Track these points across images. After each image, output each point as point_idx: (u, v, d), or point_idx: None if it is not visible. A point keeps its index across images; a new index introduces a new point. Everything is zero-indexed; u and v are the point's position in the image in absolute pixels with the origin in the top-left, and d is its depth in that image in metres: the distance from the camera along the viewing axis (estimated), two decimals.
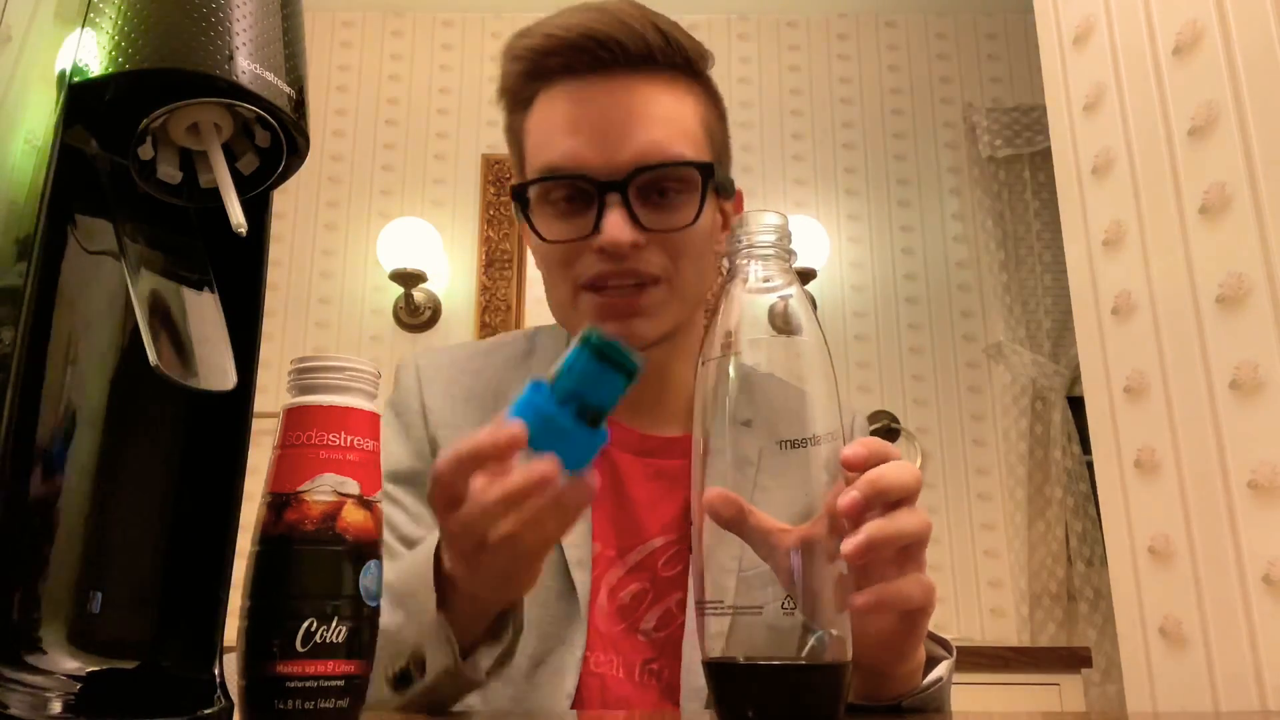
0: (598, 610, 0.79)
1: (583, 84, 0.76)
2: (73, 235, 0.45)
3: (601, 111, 0.75)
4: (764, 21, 3.19)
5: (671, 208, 0.76)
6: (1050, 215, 2.85)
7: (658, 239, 0.76)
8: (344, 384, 0.47)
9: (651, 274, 0.76)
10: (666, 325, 0.79)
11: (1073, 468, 2.74)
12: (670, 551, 0.81)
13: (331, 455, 0.46)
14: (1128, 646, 1.26)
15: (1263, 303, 1.07)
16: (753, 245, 0.51)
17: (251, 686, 0.44)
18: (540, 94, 0.79)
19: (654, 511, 0.81)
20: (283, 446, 0.46)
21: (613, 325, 0.76)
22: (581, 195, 0.76)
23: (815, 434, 0.49)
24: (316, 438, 0.46)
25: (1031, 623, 2.62)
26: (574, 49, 0.75)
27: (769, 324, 0.50)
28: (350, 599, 0.45)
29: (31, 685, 0.40)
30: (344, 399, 0.47)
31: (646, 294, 0.77)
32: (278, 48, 0.44)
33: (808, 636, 0.46)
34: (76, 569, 0.44)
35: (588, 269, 0.76)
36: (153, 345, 0.41)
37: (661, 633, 0.79)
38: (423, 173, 3.04)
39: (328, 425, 0.46)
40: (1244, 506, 1.09)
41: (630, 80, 0.76)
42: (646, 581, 0.80)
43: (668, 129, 0.76)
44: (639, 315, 0.77)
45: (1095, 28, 1.39)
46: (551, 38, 0.76)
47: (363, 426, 0.47)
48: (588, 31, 0.74)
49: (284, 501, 0.45)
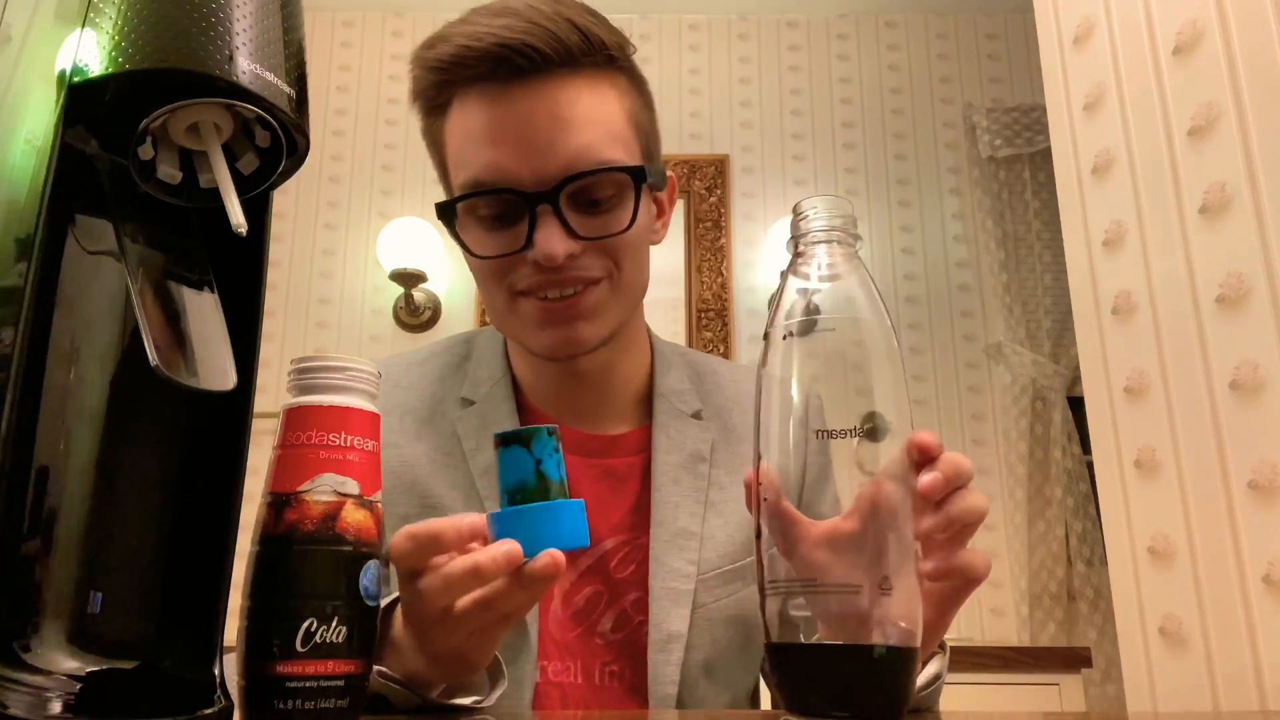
0: (552, 618, 0.78)
1: (500, 90, 0.72)
2: (73, 235, 0.45)
3: (523, 119, 0.71)
4: (764, 21, 3.19)
5: (606, 213, 0.74)
6: (1050, 215, 2.85)
7: (595, 244, 0.73)
8: (344, 384, 0.47)
9: (591, 277, 0.74)
10: (611, 324, 0.77)
11: (1073, 468, 2.74)
12: (622, 552, 0.80)
13: (331, 455, 0.46)
14: (1128, 646, 1.26)
15: (1263, 303, 1.07)
16: (812, 232, 0.50)
17: (251, 686, 0.44)
18: (455, 99, 0.75)
19: (603, 512, 0.80)
20: (283, 446, 0.46)
21: (553, 330, 0.75)
22: (511, 208, 0.73)
23: (887, 423, 0.48)
24: (316, 438, 0.46)
25: (1031, 623, 2.62)
26: (487, 59, 0.71)
27: (806, 312, 0.49)
28: (350, 599, 0.45)
29: (31, 685, 0.40)
30: (344, 399, 0.47)
31: (587, 295, 0.75)
32: (278, 48, 0.44)
33: (872, 619, 0.44)
34: (76, 569, 0.44)
35: (523, 279, 0.74)
36: (153, 345, 0.41)
37: (619, 634, 0.78)
38: (423, 173, 3.04)
39: (328, 425, 0.46)
40: (1244, 506, 1.09)
41: (550, 84, 0.72)
42: (600, 584, 0.79)
43: (594, 132, 0.72)
44: (581, 318, 0.75)
45: (1095, 28, 1.39)
46: (464, 48, 0.71)
47: (363, 426, 0.47)
48: (501, 40, 0.70)
49: (284, 501, 0.45)
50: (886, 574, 0.44)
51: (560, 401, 0.84)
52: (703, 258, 2.90)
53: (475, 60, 0.71)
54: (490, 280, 0.76)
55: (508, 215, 0.74)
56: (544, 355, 0.78)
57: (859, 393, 0.48)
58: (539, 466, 0.52)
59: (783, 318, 0.50)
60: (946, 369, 2.87)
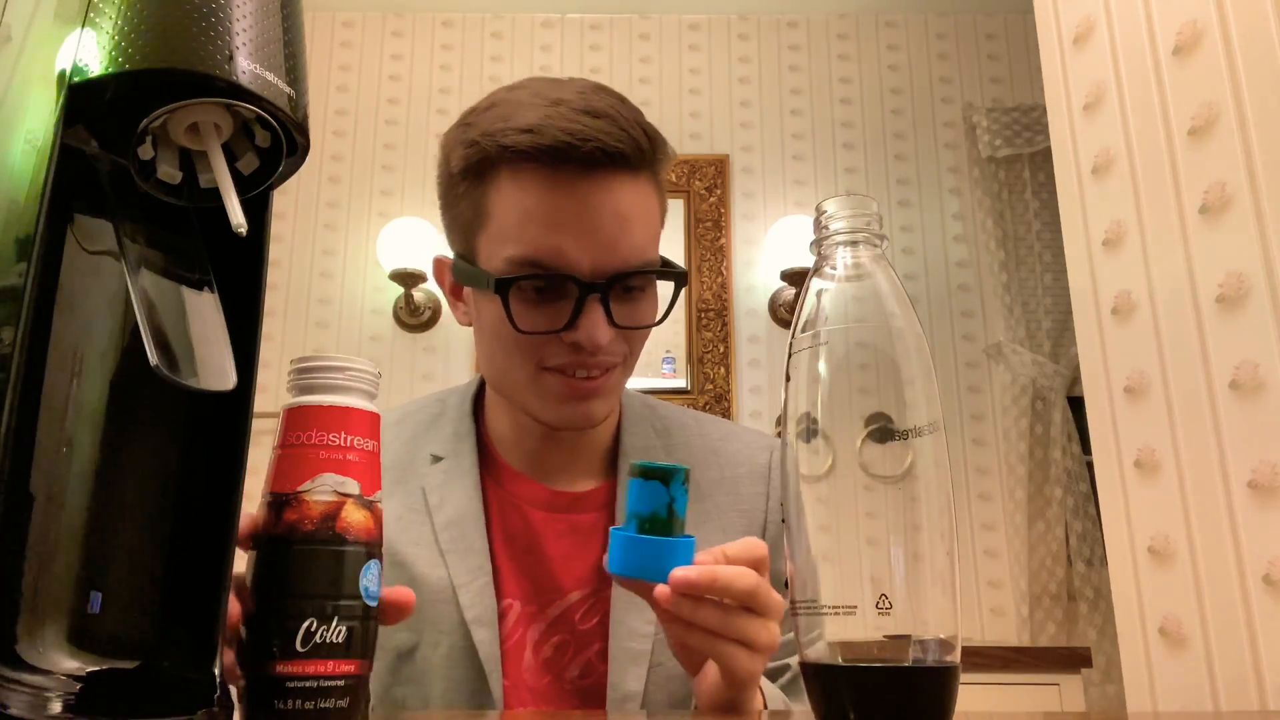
0: (524, 666, 0.81)
1: (557, 173, 0.73)
2: (73, 235, 0.45)
3: (585, 211, 0.73)
4: (764, 21, 3.19)
5: (639, 303, 0.79)
6: (1050, 215, 2.85)
7: (623, 334, 0.78)
8: (344, 384, 0.47)
9: (615, 362, 0.79)
10: (615, 401, 0.83)
11: (1073, 468, 2.74)
12: (586, 605, 0.83)
13: (331, 455, 0.46)
14: (1128, 646, 1.26)
15: (1263, 303, 1.07)
16: (836, 233, 0.49)
17: (252, 686, 0.44)
18: (508, 172, 0.75)
19: (568, 566, 0.83)
20: (283, 446, 0.46)
21: (572, 406, 0.79)
22: (558, 288, 0.75)
23: (916, 425, 0.47)
24: (316, 438, 0.46)
25: (1031, 623, 2.62)
26: (554, 149, 0.72)
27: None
28: (350, 599, 0.45)
29: (31, 685, 0.40)
30: (344, 399, 0.47)
31: (608, 377, 0.79)
32: (278, 48, 0.44)
33: (910, 638, 0.44)
34: (76, 569, 0.44)
35: (555, 356, 0.77)
36: (153, 345, 0.41)
37: (586, 680, 0.81)
38: (423, 173, 3.04)
39: (328, 425, 0.46)
40: (1244, 506, 1.09)
41: (615, 180, 0.74)
42: (567, 634, 0.82)
43: (644, 232, 0.77)
44: (598, 396, 0.80)
45: (1095, 28, 1.39)
46: (531, 131, 0.72)
47: (363, 426, 0.47)
48: (571, 131, 0.71)
49: (284, 501, 0.45)
50: (883, 592, 0.44)
51: (531, 458, 0.87)
52: (703, 258, 2.90)
53: (540, 152, 0.72)
54: (518, 352, 0.78)
55: (553, 295, 0.76)
56: (556, 426, 0.82)
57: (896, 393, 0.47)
58: (672, 504, 0.57)
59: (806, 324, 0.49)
60: (946, 369, 2.87)
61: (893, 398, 0.47)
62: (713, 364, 2.82)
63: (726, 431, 0.95)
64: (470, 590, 0.80)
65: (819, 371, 0.47)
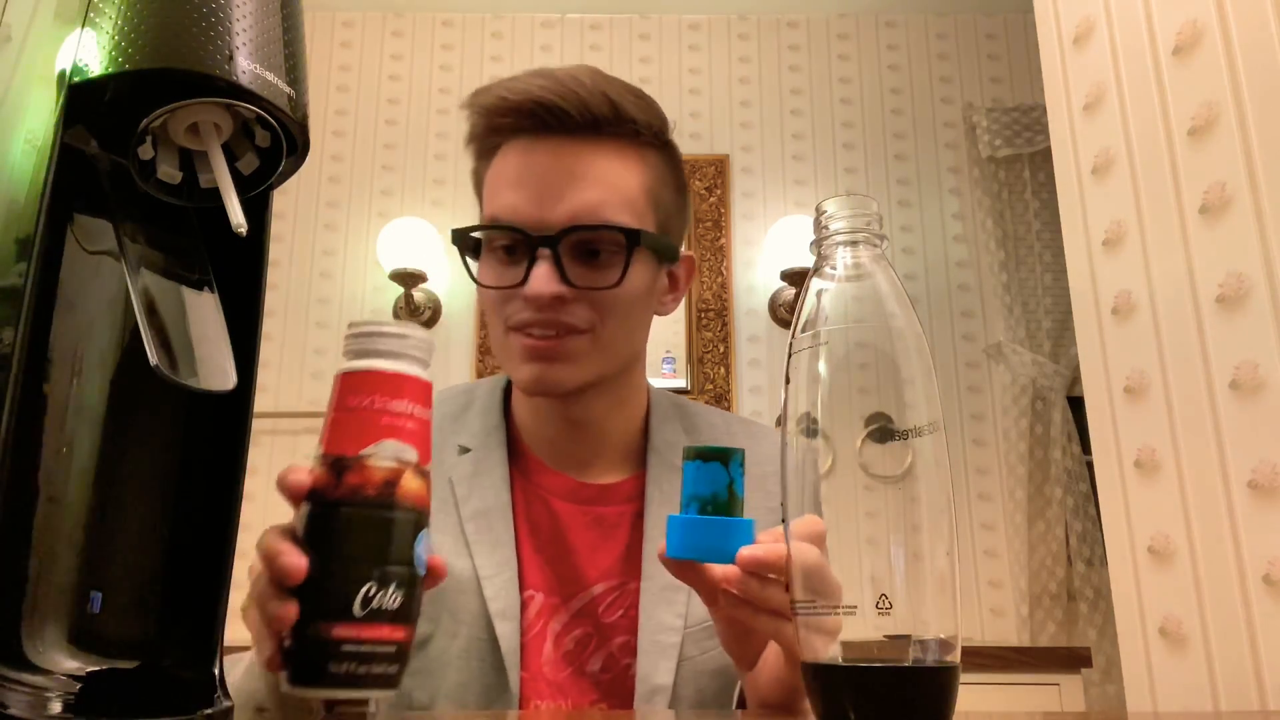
0: (544, 659, 0.81)
1: (532, 143, 0.81)
2: (73, 235, 0.45)
3: (543, 171, 0.80)
4: (764, 21, 3.19)
5: (600, 267, 0.80)
6: (1050, 215, 2.85)
7: (585, 295, 0.79)
8: (406, 352, 0.47)
9: (574, 325, 0.80)
10: (587, 374, 0.82)
11: (1073, 468, 2.74)
12: (610, 597, 0.83)
13: (394, 422, 0.45)
14: (1128, 646, 1.26)
15: (1263, 303, 1.07)
16: (836, 233, 0.49)
17: (302, 648, 0.43)
18: (500, 147, 0.84)
19: (593, 558, 0.84)
20: (342, 410, 0.46)
21: (534, 366, 0.80)
22: (518, 247, 0.81)
23: (916, 425, 0.46)
24: (379, 403, 0.45)
25: (1031, 623, 2.62)
26: (521, 113, 0.80)
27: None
28: (405, 565, 0.45)
29: (31, 685, 0.40)
30: (405, 366, 0.47)
31: (567, 342, 0.80)
32: (278, 48, 0.44)
33: (911, 638, 0.44)
34: (76, 569, 0.44)
35: (516, 314, 0.81)
36: (153, 345, 0.41)
37: (608, 674, 0.81)
38: (423, 173, 3.04)
39: (390, 391, 0.46)
40: (1244, 506, 1.09)
41: (575, 145, 0.80)
42: (590, 627, 0.82)
43: (604, 193, 0.80)
44: (558, 360, 0.80)
45: (1095, 28, 1.39)
46: (503, 100, 0.81)
47: (421, 395, 0.47)
48: (535, 98, 0.79)
49: (345, 464, 0.44)
50: (883, 592, 0.44)
51: (556, 449, 0.88)
52: (703, 257, 2.91)
53: (511, 111, 0.81)
54: (492, 311, 0.83)
55: (516, 254, 0.81)
56: (524, 390, 0.84)
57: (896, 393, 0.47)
58: (732, 485, 0.56)
59: (806, 324, 0.49)
60: (946, 369, 2.87)
61: (893, 398, 0.47)
62: (713, 364, 2.82)
63: (753, 430, 0.96)
64: (495, 583, 0.80)
65: (819, 371, 0.47)
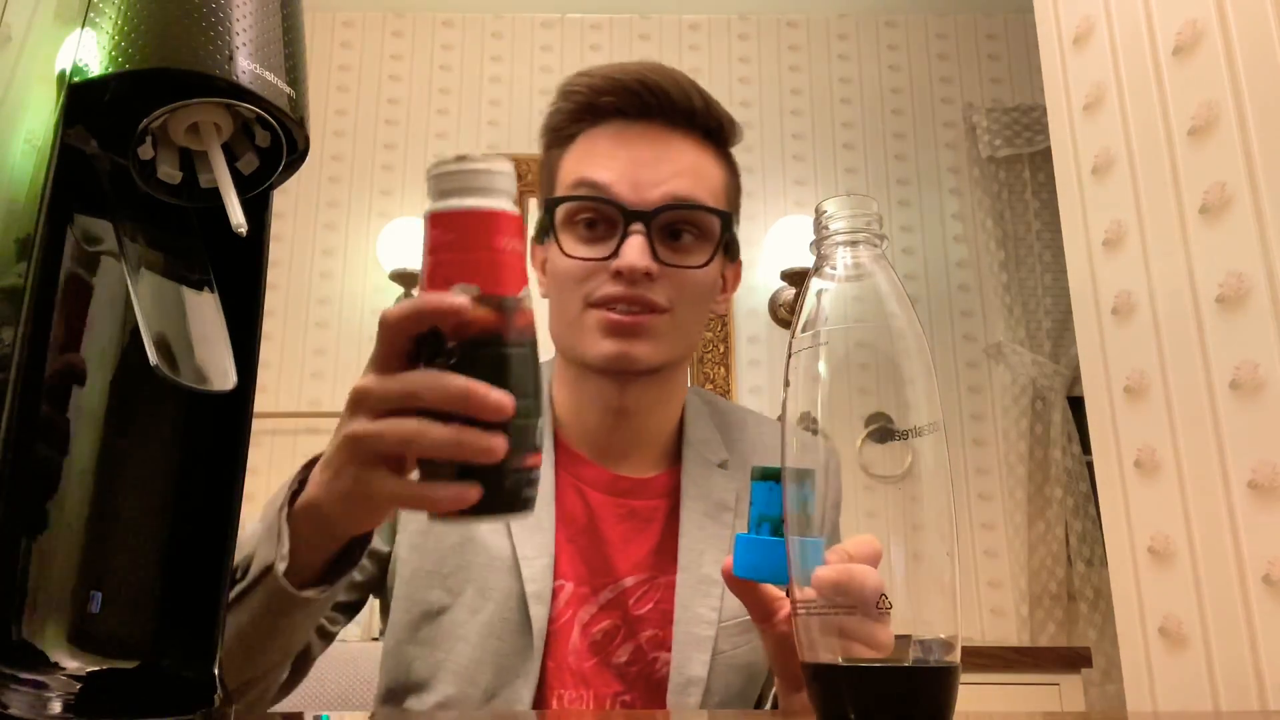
0: (569, 648, 0.80)
1: (626, 126, 0.84)
2: (72, 235, 0.45)
3: (640, 151, 0.82)
4: (764, 21, 3.19)
5: (687, 249, 0.83)
6: (1050, 215, 2.85)
7: (669, 274, 0.81)
8: (512, 190, 0.48)
9: (658, 304, 0.81)
10: (662, 355, 0.83)
11: (1073, 468, 2.74)
12: (641, 590, 0.83)
13: (522, 266, 0.48)
14: (1128, 646, 1.26)
15: (1263, 303, 1.07)
16: (836, 233, 0.49)
17: (502, 479, 0.45)
18: (583, 133, 0.85)
19: (625, 551, 0.84)
20: (493, 250, 0.46)
21: (614, 342, 0.80)
22: (606, 220, 0.82)
23: (917, 425, 0.46)
24: (520, 246, 0.47)
25: (1031, 623, 2.62)
26: (627, 91, 0.83)
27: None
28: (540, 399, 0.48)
29: (31, 685, 0.40)
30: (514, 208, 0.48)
31: (650, 320, 0.81)
32: (278, 48, 0.44)
33: (911, 638, 0.44)
34: (76, 569, 0.44)
35: (600, 288, 0.81)
36: (153, 345, 0.41)
37: (634, 667, 0.81)
38: (422, 173, 3.03)
39: (521, 234, 0.48)
40: (1244, 506, 1.09)
41: (669, 132, 0.84)
42: (619, 619, 0.82)
43: (696, 181, 0.83)
44: (640, 337, 0.81)
45: (1095, 28, 1.39)
46: (610, 79, 0.84)
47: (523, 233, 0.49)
48: (642, 78, 0.83)
49: (511, 305, 0.46)
50: (883, 592, 0.44)
51: (594, 439, 0.88)
52: None
53: (617, 89, 0.84)
54: (569, 287, 0.83)
55: (600, 228, 0.82)
56: (598, 365, 0.83)
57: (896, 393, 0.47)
58: (806, 505, 0.57)
59: (806, 324, 0.49)
60: (946, 369, 2.87)
61: (893, 398, 0.47)
62: (713, 364, 2.82)
63: (775, 429, 0.96)
64: (535, 565, 0.80)
65: (819, 371, 0.47)
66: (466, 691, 0.77)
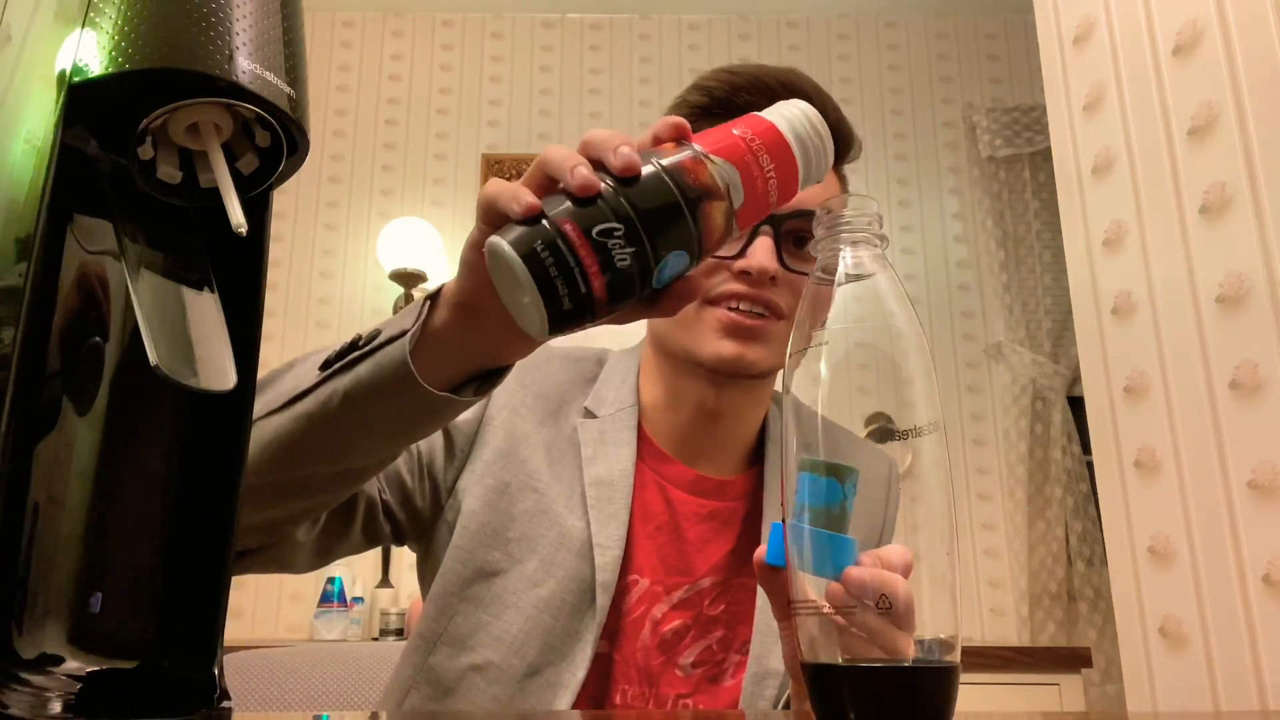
0: (639, 644, 0.80)
1: None
2: (73, 235, 0.45)
3: None
4: (764, 21, 3.19)
5: (806, 258, 0.81)
6: (1050, 215, 2.85)
7: (789, 280, 0.80)
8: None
9: (779, 308, 0.80)
10: (772, 360, 0.82)
11: (1073, 468, 2.74)
12: (715, 591, 0.83)
13: (747, 158, 0.50)
14: (1128, 646, 1.26)
15: (1263, 303, 1.07)
16: (840, 230, 0.49)
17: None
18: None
19: (704, 551, 0.83)
20: (751, 149, 0.50)
21: (732, 343, 0.79)
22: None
23: (917, 425, 0.47)
24: (766, 170, 0.51)
25: (1031, 623, 2.62)
26: (770, 93, 0.81)
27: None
28: None
29: (31, 685, 0.40)
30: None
31: (768, 322, 0.80)
32: (278, 48, 0.44)
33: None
34: (76, 569, 0.44)
35: (721, 284, 0.80)
36: (153, 345, 0.41)
37: (699, 668, 0.81)
38: (423, 173, 3.04)
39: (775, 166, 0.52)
40: (1244, 506, 1.09)
41: None
42: (690, 618, 0.82)
43: (822, 191, 0.83)
44: (757, 340, 0.79)
45: (1095, 28, 1.39)
46: (754, 78, 0.84)
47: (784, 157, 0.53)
48: (788, 84, 0.83)
49: (706, 166, 0.48)
50: (883, 592, 0.44)
51: (680, 439, 0.87)
52: None
53: (755, 88, 0.83)
54: None
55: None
56: (711, 365, 0.81)
57: (896, 393, 0.47)
58: (844, 502, 0.56)
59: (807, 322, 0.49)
60: (946, 369, 2.87)
61: (893, 398, 0.47)
62: None
63: (849, 438, 0.97)
64: (608, 554, 0.79)
65: (819, 371, 0.47)
66: (510, 661, 0.76)
